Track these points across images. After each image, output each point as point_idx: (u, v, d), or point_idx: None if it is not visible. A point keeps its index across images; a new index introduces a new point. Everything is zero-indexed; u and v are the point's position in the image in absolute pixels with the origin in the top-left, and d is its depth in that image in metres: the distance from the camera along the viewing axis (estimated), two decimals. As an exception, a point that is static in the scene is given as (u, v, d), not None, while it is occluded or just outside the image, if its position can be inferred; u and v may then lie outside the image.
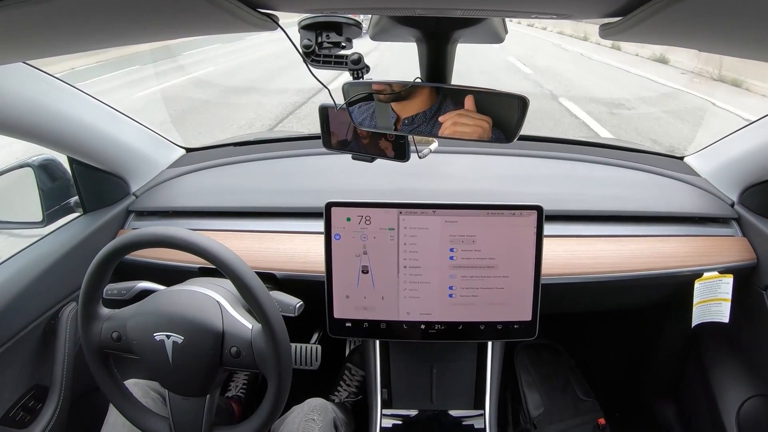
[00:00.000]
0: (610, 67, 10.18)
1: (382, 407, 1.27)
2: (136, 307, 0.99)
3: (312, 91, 7.07)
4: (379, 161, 0.94)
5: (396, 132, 0.77)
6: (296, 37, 0.71)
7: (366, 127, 0.78)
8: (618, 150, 1.56)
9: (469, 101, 0.69)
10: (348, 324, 1.16)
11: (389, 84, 0.73)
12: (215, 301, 0.98)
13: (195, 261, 1.02)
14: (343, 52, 0.72)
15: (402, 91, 0.73)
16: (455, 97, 0.70)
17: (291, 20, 0.67)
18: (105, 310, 1.01)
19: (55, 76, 1.12)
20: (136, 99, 7.13)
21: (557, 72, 9.45)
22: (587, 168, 1.49)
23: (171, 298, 0.99)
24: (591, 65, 10.58)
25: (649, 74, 9.03)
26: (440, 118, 0.71)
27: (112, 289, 1.10)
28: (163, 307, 0.96)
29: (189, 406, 0.99)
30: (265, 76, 9.19)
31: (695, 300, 1.26)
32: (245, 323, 0.96)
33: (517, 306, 1.14)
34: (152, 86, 8.20)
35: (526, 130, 0.73)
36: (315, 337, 1.57)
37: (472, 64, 9.56)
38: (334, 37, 0.71)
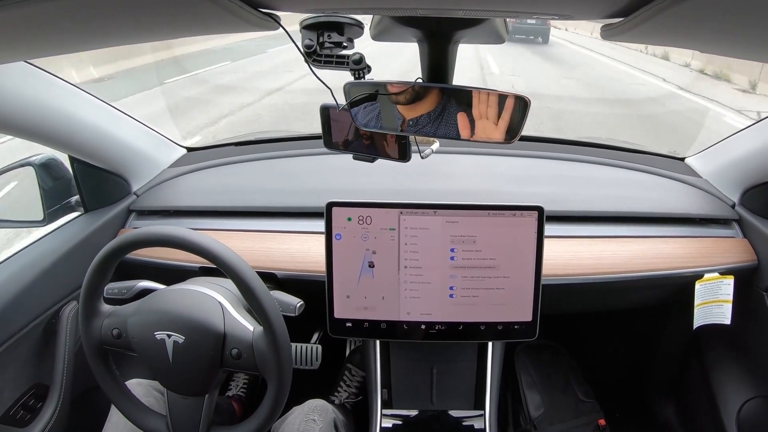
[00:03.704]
0: None
1: (383, 407, 1.27)
2: (137, 304, 0.99)
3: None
4: (379, 161, 0.94)
5: (399, 132, 0.77)
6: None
7: (370, 128, 0.78)
8: (619, 151, 1.56)
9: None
10: (348, 324, 1.16)
11: (391, 84, 0.73)
12: (217, 302, 0.97)
13: (196, 260, 1.02)
14: (344, 52, 0.72)
15: (405, 92, 0.73)
16: (459, 97, 0.70)
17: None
18: (106, 307, 1.01)
19: (57, 75, 1.12)
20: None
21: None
22: (588, 168, 1.49)
23: (173, 297, 0.98)
24: None
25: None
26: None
27: (112, 288, 1.10)
28: (165, 306, 0.96)
29: (187, 405, 0.99)
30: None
31: (696, 301, 1.26)
32: (247, 325, 0.96)
33: (517, 306, 1.13)
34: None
35: (527, 130, 0.73)
36: (315, 336, 1.57)
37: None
38: (336, 37, 0.71)
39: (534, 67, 11.33)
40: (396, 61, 8.95)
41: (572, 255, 1.25)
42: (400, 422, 1.26)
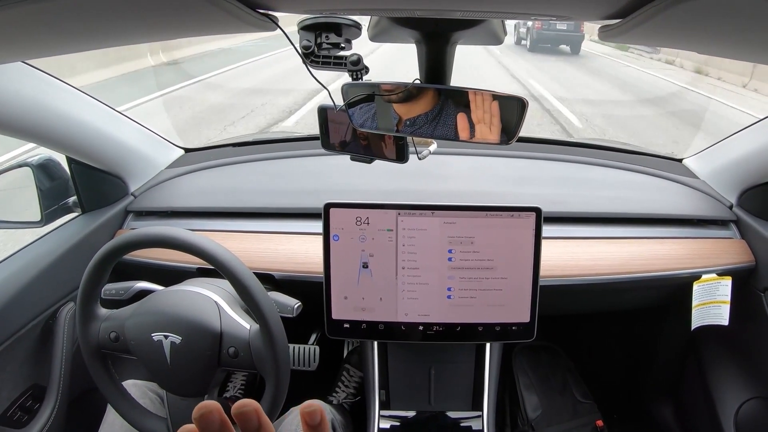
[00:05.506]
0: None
1: (380, 408, 1.27)
2: (134, 307, 0.99)
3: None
4: (377, 162, 0.94)
5: (396, 133, 0.77)
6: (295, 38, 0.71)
7: (366, 129, 0.78)
8: (617, 152, 1.56)
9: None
10: (346, 325, 1.16)
11: (388, 85, 0.73)
12: (213, 302, 0.98)
13: (193, 261, 1.02)
14: (342, 53, 0.72)
15: (403, 93, 0.72)
16: (456, 98, 0.70)
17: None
18: (103, 311, 1.01)
19: (54, 75, 1.11)
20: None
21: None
22: (586, 170, 1.50)
23: (169, 298, 0.98)
24: None
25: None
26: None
27: (110, 289, 1.10)
28: (161, 308, 0.96)
29: (187, 406, 0.99)
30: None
31: (694, 302, 1.26)
32: (243, 324, 0.96)
33: (515, 307, 1.13)
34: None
35: (525, 132, 0.73)
36: (313, 338, 1.57)
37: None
38: (333, 38, 0.71)
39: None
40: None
41: (570, 256, 1.25)
42: (398, 423, 1.26)
